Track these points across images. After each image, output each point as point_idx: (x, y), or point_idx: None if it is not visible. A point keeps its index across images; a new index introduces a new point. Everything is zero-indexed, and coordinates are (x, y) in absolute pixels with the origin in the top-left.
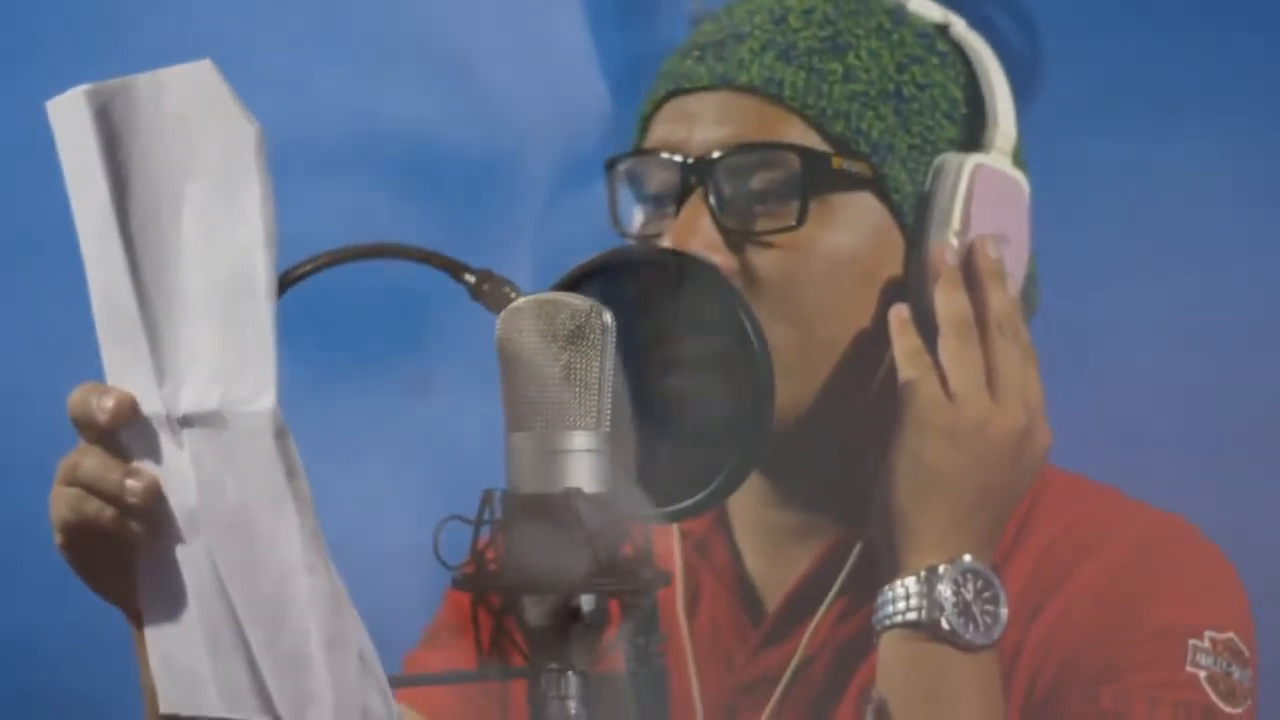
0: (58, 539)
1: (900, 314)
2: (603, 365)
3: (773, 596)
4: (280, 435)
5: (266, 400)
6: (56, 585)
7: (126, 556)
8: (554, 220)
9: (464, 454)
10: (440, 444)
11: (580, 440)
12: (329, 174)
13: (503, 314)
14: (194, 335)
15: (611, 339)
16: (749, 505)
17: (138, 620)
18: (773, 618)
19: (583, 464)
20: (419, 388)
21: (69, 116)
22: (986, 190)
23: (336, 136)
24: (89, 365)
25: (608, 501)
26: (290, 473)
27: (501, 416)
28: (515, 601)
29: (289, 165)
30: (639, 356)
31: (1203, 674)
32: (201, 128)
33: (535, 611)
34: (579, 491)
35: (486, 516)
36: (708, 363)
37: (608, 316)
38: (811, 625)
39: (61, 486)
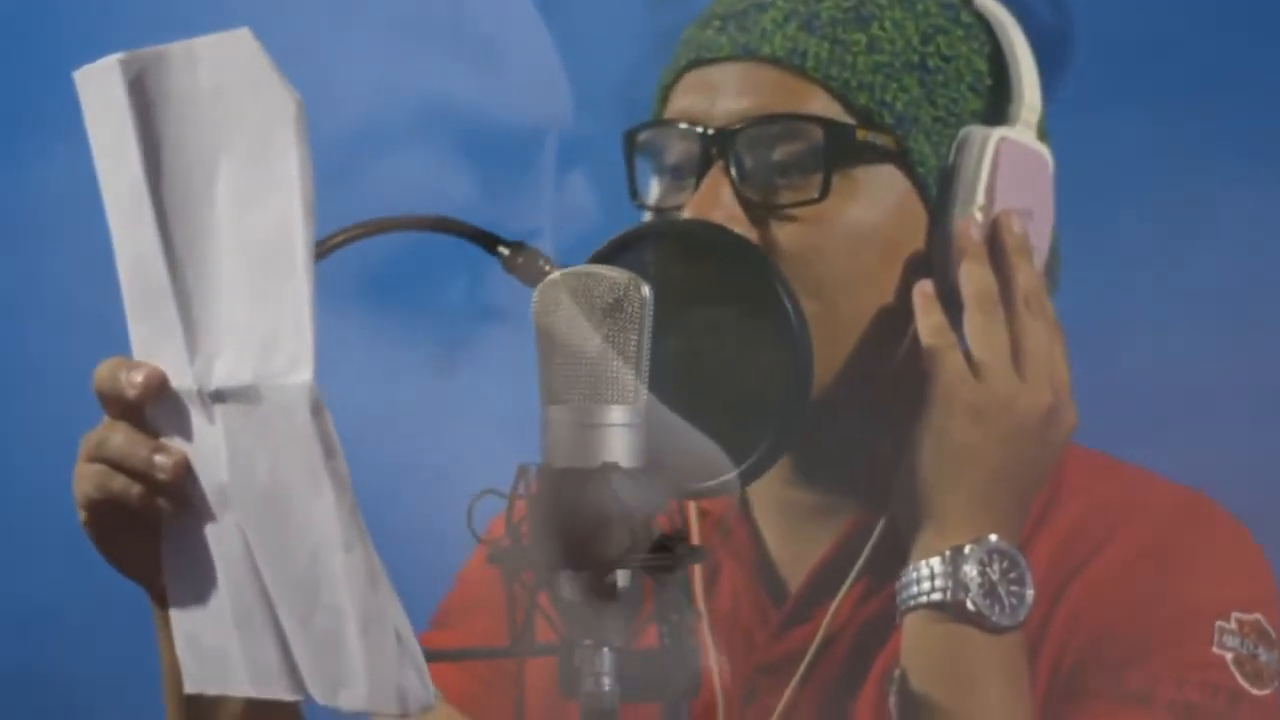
0: (81, 516)
1: (924, 289)
2: (640, 339)
3: (794, 576)
4: (316, 410)
5: (303, 374)
6: (72, 563)
7: (152, 534)
8: (579, 193)
9: (499, 428)
10: (474, 417)
11: (617, 414)
12: (374, 151)
13: (539, 287)
14: (228, 308)
15: (649, 312)
16: (769, 483)
17: (160, 599)
18: (794, 598)
19: (619, 438)
20: (447, 362)
21: (100, 86)
22: (1011, 164)
23: (365, 111)
24: (107, 340)
25: (644, 476)
26: (327, 449)
27: (536, 390)
28: (550, 577)
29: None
30: (675, 330)
31: (1229, 655)
32: (238, 97)
33: (570, 587)
34: (615, 466)
35: (521, 491)
36: (745, 338)
37: (646, 289)
38: (833, 605)
39: (86, 463)
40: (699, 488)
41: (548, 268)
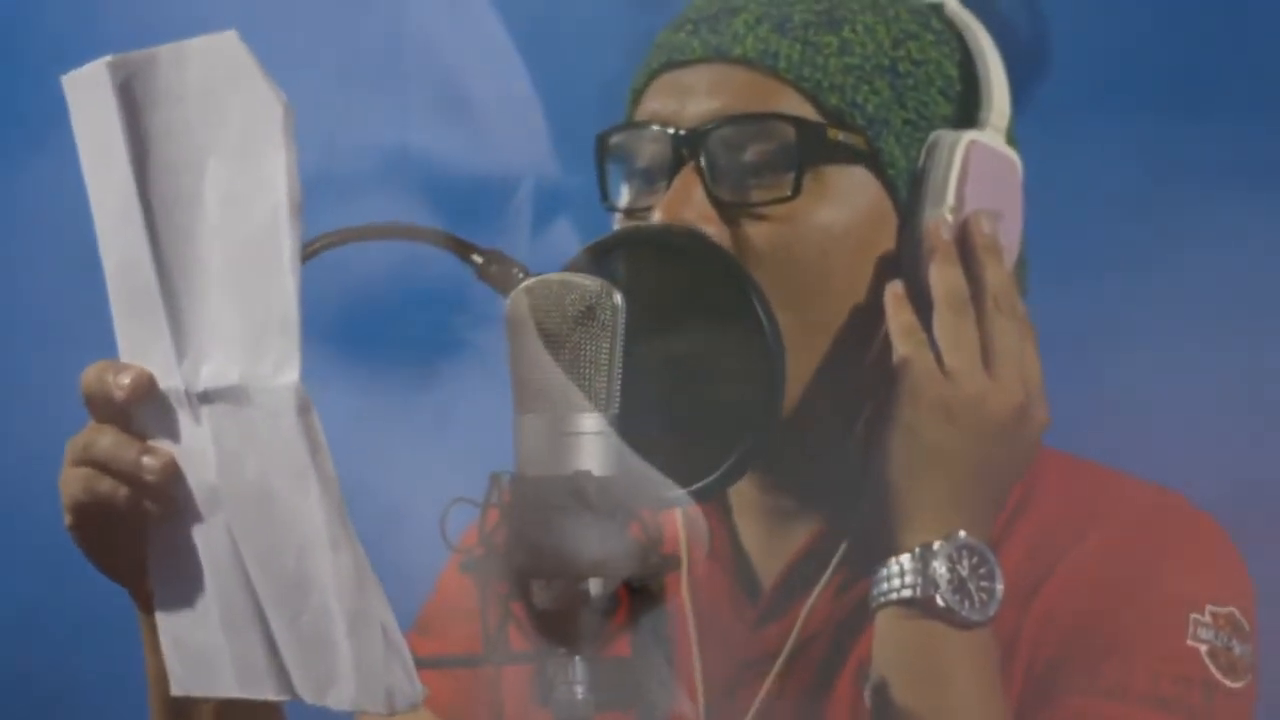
0: (67, 520)
1: (895, 290)
2: (613, 346)
3: (769, 574)
4: (304, 411)
5: (290, 375)
6: (56, 567)
7: (138, 537)
8: (555, 197)
9: (470, 437)
10: (446, 428)
11: (589, 422)
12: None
13: (512, 294)
14: (215, 309)
15: (622, 320)
16: (744, 487)
17: (145, 603)
18: (768, 595)
19: (592, 446)
20: (423, 373)
21: (88, 89)
22: (981, 167)
23: (320, 159)
24: (89, 342)
25: (616, 484)
26: (314, 449)
27: (509, 399)
28: (523, 586)
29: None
30: (649, 337)
31: (1204, 648)
32: (226, 99)
33: (543, 596)
34: (588, 474)
35: (494, 500)
36: (718, 346)
37: (618, 297)
38: (809, 602)
39: (73, 466)
40: (671, 496)
41: (521, 276)
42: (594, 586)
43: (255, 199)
